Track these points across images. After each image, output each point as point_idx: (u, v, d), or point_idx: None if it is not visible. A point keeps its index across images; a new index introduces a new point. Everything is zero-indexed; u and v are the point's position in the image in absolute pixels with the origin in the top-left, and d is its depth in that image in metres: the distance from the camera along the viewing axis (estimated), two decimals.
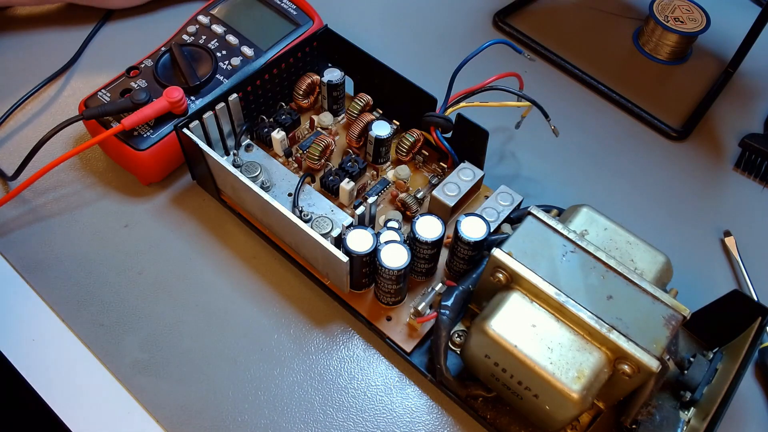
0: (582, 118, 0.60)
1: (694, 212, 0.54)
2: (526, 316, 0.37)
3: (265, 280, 0.47)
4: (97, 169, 0.52)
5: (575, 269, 0.37)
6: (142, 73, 0.51)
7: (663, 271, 0.39)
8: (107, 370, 0.43)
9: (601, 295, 0.36)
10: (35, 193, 0.50)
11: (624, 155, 0.57)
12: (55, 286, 0.46)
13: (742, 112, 0.61)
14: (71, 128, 0.52)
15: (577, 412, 0.35)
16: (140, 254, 0.48)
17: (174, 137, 0.48)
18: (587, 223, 0.41)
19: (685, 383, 0.41)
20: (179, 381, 0.43)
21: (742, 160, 0.57)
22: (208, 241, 0.49)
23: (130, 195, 0.51)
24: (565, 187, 0.54)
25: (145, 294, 0.46)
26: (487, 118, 0.47)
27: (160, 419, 0.41)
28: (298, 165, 0.50)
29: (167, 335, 0.44)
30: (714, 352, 0.43)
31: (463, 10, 0.67)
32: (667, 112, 0.60)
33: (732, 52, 0.63)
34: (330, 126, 0.52)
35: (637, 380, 0.36)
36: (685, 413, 0.41)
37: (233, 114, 0.49)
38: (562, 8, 0.69)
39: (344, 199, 0.48)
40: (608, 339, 0.35)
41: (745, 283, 0.50)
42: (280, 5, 0.56)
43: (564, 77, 0.63)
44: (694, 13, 0.64)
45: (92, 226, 0.49)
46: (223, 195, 0.49)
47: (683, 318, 0.36)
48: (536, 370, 0.35)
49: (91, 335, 0.44)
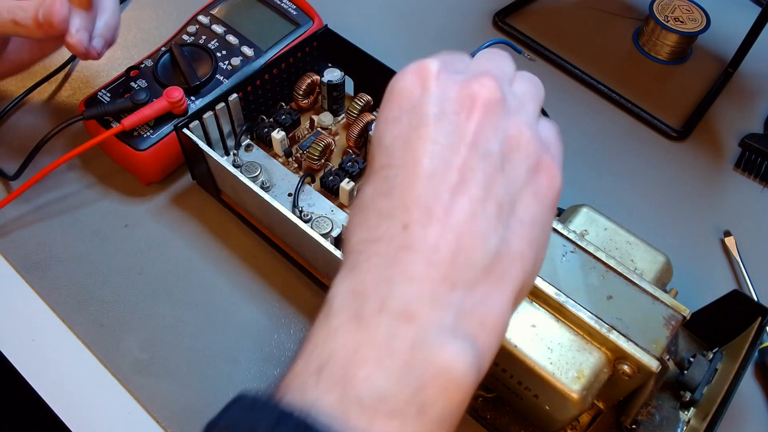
0: (582, 118, 0.60)
1: (694, 212, 0.54)
2: (526, 316, 0.37)
3: (265, 280, 0.47)
4: (97, 169, 0.52)
5: (575, 269, 0.37)
6: (142, 73, 0.51)
7: (663, 271, 0.39)
8: (107, 370, 0.43)
9: (601, 295, 0.36)
10: (36, 194, 0.50)
11: (624, 155, 0.57)
12: (55, 286, 0.46)
13: (742, 112, 0.61)
14: (71, 128, 0.52)
15: (577, 412, 0.35)
16: (140, 254, 0.48)
17: (174, 137, 0.48)
18: (587, 223, 0.41)
19: (685, 383, 0.40)
20: (179, 381, 0.43)
21: (742, 160, 0.57)
22: (208, 241, 0.49)
23: (130, 195, 0.51)
24: (565, 187, 0.54)
25: (145, 294, 0.46)
26: None
27: (160, 419, 0.41)
28: (298, 165, 0.50)
29: (167, 335, 0.44)
30: (714, 353, 0.43)
31: (463, 10, 0.67)
32: (667, 112, 0.60)
33: (732, 52, 0.63)
34: (330, 126, 0.52)
35: (637, 380, 0.36)
36: (685, 413, 0.41)
37: (233, 114, 0.49)
38: (562, 8, 0.69)
39: (344, 199, 0.48)
40: (608, 339, 0.35)
41: (745, 283, 0.50)
42: (280, 5, 0.56)
43: (564, 77, 0.63)
44: (694, 13, 0.64)
45: (92, 226, 0.49)
46: (223, 195, 0.49)
47: (683, 318, 0.36)
48: (536, 370, 0.35)
49: (91, 335, 0.44)
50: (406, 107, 0.27)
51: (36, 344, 0.44)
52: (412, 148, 0.26)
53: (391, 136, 0.27)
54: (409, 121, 0.26)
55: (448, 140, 0.25)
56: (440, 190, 0.24)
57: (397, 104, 0.27)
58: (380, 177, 0.26)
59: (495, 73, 0.28)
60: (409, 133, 0.26)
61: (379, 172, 0.26)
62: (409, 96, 0.27)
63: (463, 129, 0.26)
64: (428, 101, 0.26)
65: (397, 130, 0.26)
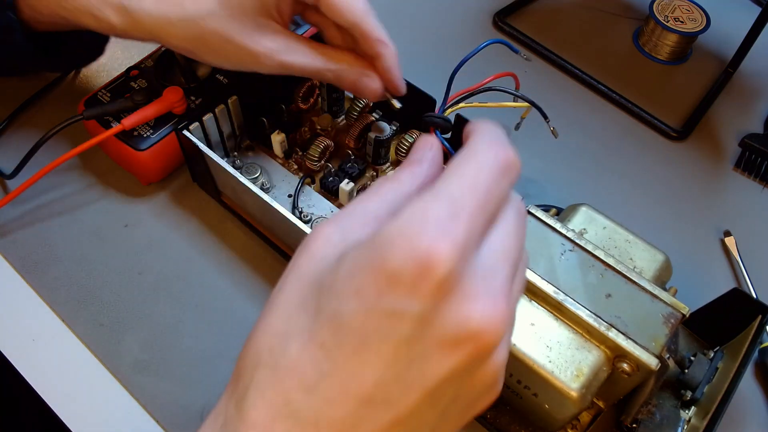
0: (582, 118, 0.60)
1: (694, 212, 0.54)
2: (525, 314, 0.37)
3: (265, 280, 0.47)
4: (97, 169, 0.52)
5: (574, 268, 0.37)
6: (142, 73, 0.51)
7: (662, 269, 0.39)
8: (107, 370, 0.43)
9: (599, 294, 0.36)
10: (35, 193, 0.50)
11: (624, 155, 0.57)
12: (55, 286, 0.46)
13: (742, 112, 0.61)
14: (71, 128, 0.52)
15: (577, 410, 0.35)
16: (140, 254, 0.48)
17: (174, 137, 0.48)
18: (586, 222, 0.41)
19: (686, 382, 0.40)
20: (179, 381, 0.43)
21: (742, 160, 0.57)
22: (208, 241, 0.49)
23: (130, 195, 0.51)
24: (566, 187, 0.54)
25: (145, 294, 0.46)
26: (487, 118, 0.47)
27: (160, 419, 0.41)
28: (297, 166, 0.50)
29: (167, 335, 0.44)
30: (715, 351, 0.43)
31: (463, 10, 0.67)
32: (667, 112, 0.60)
33: (732, 52, 0.63)
34: (330, 127, 0.52)
35: (637, 378, 0.36)
36: (686, 412, 0.41)
37: (233, 115, 0.49)
38: (562, 8, 0.69)
39: (344, 200, 0.48)
40: (607, 337, 0.35)
41: (745, 282, 0.49)
42: None
43: (564, 77, 0.63)
44: (694, 13, 0.64)
45: (92, 226, 0.49)
46: (223, 196, 0.49)
47: (682, 316, 0.36)
48: (535, 368, 0.35)
49: (91, 335, 0.44)
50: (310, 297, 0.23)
51: (36, 344, 0.44)
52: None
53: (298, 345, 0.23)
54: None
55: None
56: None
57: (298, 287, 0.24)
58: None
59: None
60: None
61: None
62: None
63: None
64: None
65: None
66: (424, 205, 0.22)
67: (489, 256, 0.23)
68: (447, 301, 0.21)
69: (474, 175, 0.23)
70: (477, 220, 0.22)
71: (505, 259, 0.23)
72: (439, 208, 0.22)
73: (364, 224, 0.25)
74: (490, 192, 0.23)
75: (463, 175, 0.23)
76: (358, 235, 0.24)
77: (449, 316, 0.21)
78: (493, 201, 0.23)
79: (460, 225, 0.21)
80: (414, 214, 0.21)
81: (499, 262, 0.23)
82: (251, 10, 0.38)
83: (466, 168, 0.23)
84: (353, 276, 0.22)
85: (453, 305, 0.22)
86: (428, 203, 0.22)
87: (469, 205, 0.22)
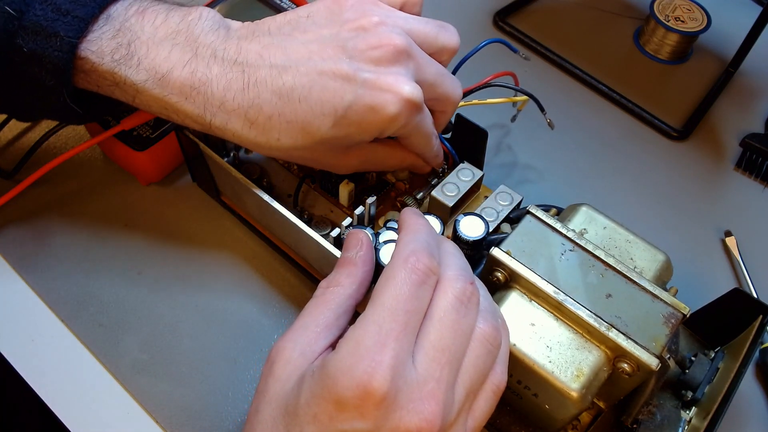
0: (582, 118, 0.59)
1: (695, 212, 0.54)
2: (525, 314, 0.36)
3: (265, 280, 0.47)
4: (97, 169, 0.52)
5: (574, 268, 0.37)
6: None
7: (662, 269, 0.39)
8: (107, 370, 0.43)
9: (600, 294, 0.36)
10: (35, 193, 0.50)
11: (624, 155, 0.57)
12: (55, 286, 0.46)
13: (743, 111, 0.61)
14: (71, 128, 0.52)
15: (577, 411, 0.35)
16: (140, 254, 0.48)
17: (173, 137, 0.48)
18: (586, 222, 0.41)
19: (687, 382, 0.40)
20: (179, 381, 0.43)
21: (743, 160, 0.57)
22: (208, 241, 0.49)
23: (130, 195, 0.51)
24: (566, 187, 0.54)
25: (145, 294, 0.46)
26: (488, 118, 0.47)
27: (159, 419, 0.41)
28: (297, 166, 0.50)
29: (167, 335, 0.44)
30: (715, 352, 0.43)
31: (463, 9, 0.67)
32: (667, 111, 0.60)
33: (733, 51, 0.63)
34: None
35: (637, 379, 0.36)
36: (687, 413, 0.41)
37: None
38: (562, 8, 0.69)
39: (344, 200, 0.48)
40: (607, 337, 0.35)
41: (746, 283, 0.49)
42: (280, 5, 0.56)
43: (564, 77, 0.63)
44: (694, 13, 0.64)
45: (92, 226, 0.49)
46: (223, 196, 0.49)
47: (683, 316, 0.36)
48: (535, 368, 0.35)
49: (90, 335, 0.44)
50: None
51: (35, 344, 0.44)
52: None
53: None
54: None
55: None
56: None
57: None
58: None
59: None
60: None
61: None
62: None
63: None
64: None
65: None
66: (357, 337, 0.27)
67: (421, 363, 0.27)
68: (389, 414, 0.26)
69: (393, 303, 0.28)
70: (402, 339, 0.27)
71: (438, 359, 0.28)
72: (368, 338, 0.27)
73: (317, 336, 0.30)
74: (409, 312, 0.28)
75: (384, 304, 0.28)
76: (314, 348, 0.30)
77: (392, 426, 0.26)
78: (416, 314, 0.28)
79: (388, 351, 0.26)
80: (349, 348, 0.27)
81: (432, 363, 0.27)
82: (338, 146, 0.39)
83: (385, 296, 0.28)
84: (310, 405, 0.27)
85: (395, 415, 0.26)
86: (359, 335, 0.27)
87: (393, 329, 0.27)
